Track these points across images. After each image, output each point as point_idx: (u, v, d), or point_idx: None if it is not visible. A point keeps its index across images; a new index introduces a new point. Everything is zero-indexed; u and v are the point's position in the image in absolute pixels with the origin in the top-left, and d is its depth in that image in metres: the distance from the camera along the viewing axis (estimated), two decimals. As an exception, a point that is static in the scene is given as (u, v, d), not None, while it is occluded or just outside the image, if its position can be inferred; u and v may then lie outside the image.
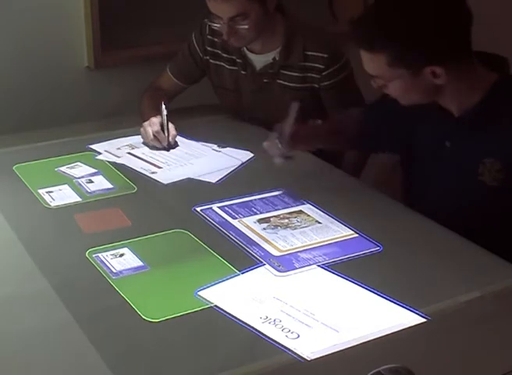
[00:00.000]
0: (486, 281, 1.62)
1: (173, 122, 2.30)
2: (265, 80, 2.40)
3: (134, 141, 2.32)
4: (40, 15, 2.76)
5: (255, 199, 1.97)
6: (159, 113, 2.35)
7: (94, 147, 2.27)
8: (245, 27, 2.25)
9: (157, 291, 1.59)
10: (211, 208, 1.93)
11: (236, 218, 1.87)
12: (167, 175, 2.12)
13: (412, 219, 1.90)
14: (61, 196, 1.98)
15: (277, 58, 2.37)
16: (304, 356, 1.38)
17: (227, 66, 2.46)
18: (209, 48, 2.46)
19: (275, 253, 1.72)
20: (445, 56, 1.69)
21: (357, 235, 1.80)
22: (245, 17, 2.24)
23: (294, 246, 1.75)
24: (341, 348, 1.40)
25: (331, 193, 2.03)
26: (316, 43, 2.34)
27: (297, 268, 1.66)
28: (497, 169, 1.77)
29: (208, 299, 1.54)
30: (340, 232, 1.81)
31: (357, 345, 1.41)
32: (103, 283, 1.60)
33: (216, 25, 2.30)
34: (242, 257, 1.70)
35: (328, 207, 1.92)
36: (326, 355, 1.39)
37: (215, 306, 1.52)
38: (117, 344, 1.43)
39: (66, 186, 2.04)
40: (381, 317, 1.50)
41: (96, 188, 2.03)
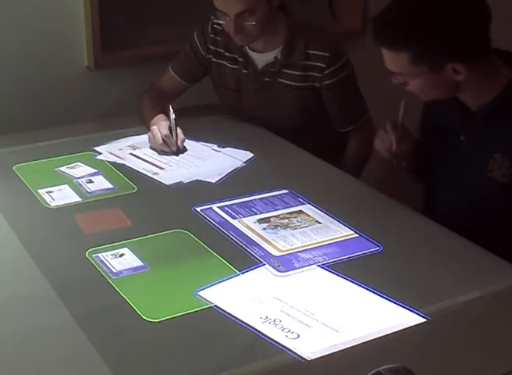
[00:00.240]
0: (486, 281, 1.62)
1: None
2: (267, 79, 2.40)
3: (136, 142, 2.31)
4: (40, 15, 2.76)
5: (255, 199, 1.97)
6: (159, 113, 2.34)
7: (97, 148, 2.26)
8: (252, 24, 2.24)
9: (157, 291, 1.59)
10: (211, 208, 1.93)
11: (236, 218, 1.87)
12: (169, 176, 2.11)
13: (412, 219, 1.91)
14: (61, 196, 1.98)
15: (279, 56, 2.37)
16: (304, 356, 1.38)
17: (229, 65, 2.46)
18: (211, 47, 2.46)
19: (275, 253, 1.72)
20: (465, 53, 1.72)
21: (357, 235, 1.80)
22: (252, 13, 2.23)
23: (294, 246, 1.75)
24: (341, 348, 1.40)
25: (331, 193, 2.03)
26: (318, 42, 2.34)
27: (297, 268, 1.66)
28: (507, 165, 1.79)
29: (208, 299, 1.54)
30: (340, 232, 1.81)
31: (357, 345, 1.41)
32: (103, 283, 1.60)
33: (221, 22, 2.29)
34: (242, 257, 1.70)
35: (328, 207, 1.92)
36: (326, 355, 1.39)
37: (215, 306, 1.52)
38: (117, 344, 1.43)
39: (66, 186, 2.04)
40: (381, 317, 1.50)
41: (96, 188, 2.03)
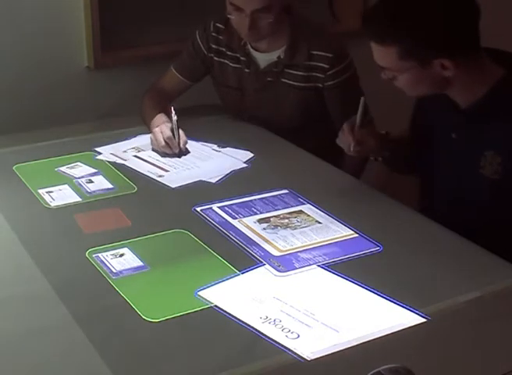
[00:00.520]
0: (486, 281, 1.62)
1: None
2: (269, 79, 2.40)
3: (140, 144, 2.30)
4: (40, 15, 2.76)
5: (255, 199, 1.97)
6: (160, 112, 2.34)
7: (100, 149, 2.25)
8: (268, 21, 2.24)
9: (157, 291, 1.59)
10: (211, 208, 1.93)
11: (236, 218, 1.87)
12: (174, 178, 2.10)
13: (412, 219, 1.91)
14: (61, 196, 1.98)
15: (282, 56, 2.37)
16: (304, 356, 1.38)
17: (231, 64, 2.45)
18: (213, 46, 2.46)
19: (275, 253, 1.72)
20: (454, 49, 1.72)
21: (357, 235, 1.80)
22: (268, 11, 2.23)
23: (294, 246, 1.75)
24: (341, 348, 1.40)
25: (331, 193, 2.03)
26: (321, 42, 2.34)
27: (297, 268, 1.66)
28: (498, 162, 1.79)
29: (208, 299, 1.54)
30: (340, 232, 1.81)
31: (357, 345, 1.41)
32: (103, 283, 1.60)
33: (231, 16, 2.27)
34: (242, 257, 1.70)
35: (328, 207, 1.92)
36: (326, 355, 1.39)
37: (215, 306, 1.52)
38: (117, 344, 1.43)
39: (66, 186, 2.04)
40: (381, 317, 1.50)
41: (96, 188, 2.03)
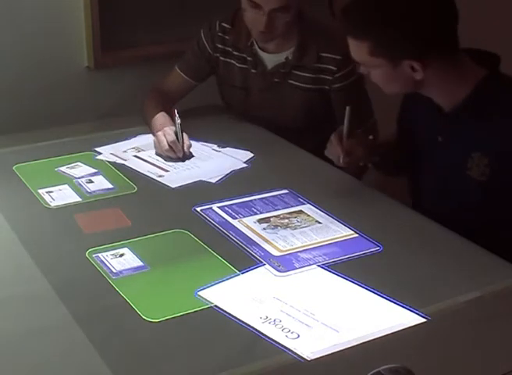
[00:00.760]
0: (486, 281, 1.62)
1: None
2: (276, 80, 2.40)
3: (140, 144, 2.29)
4: (40, 15, 2.76)
5: (255, 199, 1.97)
6: (162, 111, 2.33)
7: (100, 149, 2.25)
8: (285, 21, 2.24)
9: (157, 291, 1.59)
10: (211, 208, 1.93)
11: (236, 218, 1.87)
12: (174, 178, 2.09)
13: (412, 219, 1.91)
14: (61, 196, 1.98)
15: (290, 58, 2.36)
16: (304, 356, 1.38)
17: (237, 64, 2.45)
18: (219, 45, 2.45)
19: (275, 253, 1.72)
20: (423, 52, 1.72)
21: (357, 235, 1.80)
22: (286, 11, 2.23)
23: (294, 246, 1.75)
24: (341, 348, 1.40)
25: (331, 193, 2.03)
26: (331, 44, 2.33)
27: (297, 268, 1.66)
28: (485, 163, 1.79)
29: (208, 299, 1.54)
30: (340, 232, 1.81)
31: (357, 345, 1.41)
32: (103, 283, 1.60)
33: (247, 14, 2.26)
34: (242, 257, 1.70)
35: (328, 207, 1.92)
36: (326, 355, 1.39)
37: (215, 306, 1.52)
38: (117, 344, 1.43)
39: (66, 186, 2.04)
40: (381, 317, 1.50)
41: (96, 188, 2.03)
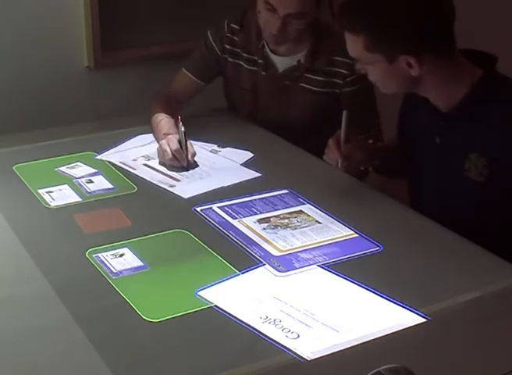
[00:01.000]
0: (486, 281, 1.62)
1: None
2: (287, 83, 2.39)
3: (150, 152, 2.23)
4: (40, 15, 2.77)
5: (255, 199, 1.97)
6: (166, 116, 2.30)
7: (107, 157, 2.20)
8: (299, 27, 2.24)
9: (157, 291, 1.59)
10: (211, 208, 1.93)
11: (236, 218, 1.87)
12: (187, 188, 2.03)
13: (412, 219, 1.91)
14: (61, 196, 1.98)
15: (302, 61, 2.36)
16: (304, 356, 1.38)
17: (246, 66, 2.44)
18: (228, 47, 2.44)
19: (275, 253, 1.72)
20: (419, 47, 1.72)
21: (357, 235, 1.80)
22: (301, 17, 2.22)
23: (294, 246, 1.75)
24: (341, 348, 1.40)
25: (331, 193, 2.03)
26: (343, 48, 2.31)
27: (297, 268, 1.66)
28: (483, 164, 1.79)
29: (208, 299, 1.54)
30: (340, 232, 1.81)
31: (357, 345, 1.41)
32: (103, 283, 1.60)
33: (265, 15, 2.24)
34: (242, 257, 1.70)
35: (328, 207, 1.92)
36: (326, 355, 1.39)
37: (215, 306, 1.52)
38: (117, 344, 1.43)
39: (66, 186, 2.04)
40: (381, 317, 1.50)
41: (96, 188, 2.03)
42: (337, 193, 2.04)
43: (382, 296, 1.55)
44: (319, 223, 1.85)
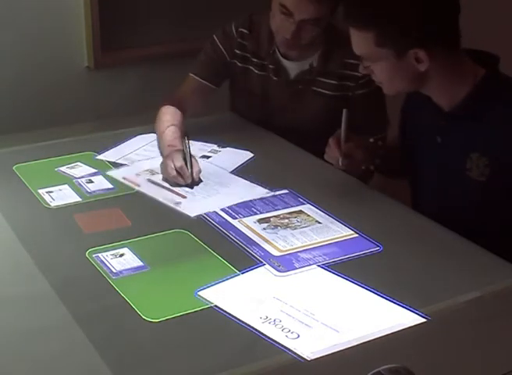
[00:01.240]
0: (486, 281, 1.62)
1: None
2: (300, 87, 2.38)
3: (154, 166, 2.13)
4: (40, 15, 2.77)
5: (255, 199, 1.97)
6: (172, 125, 2.25)
7: (111, 173, 2.11)
8: (313, 34, 2.23)
9: (157, 291, 1.59)
10: (211, 208, 1.93)
11: (236, 218, 1.87)
12: (193, 206, 1.93)
13: (412, 219, 1.91)
14: (61, 196, 1.98)
15: (314, 64, 2.35)
16: (304, 356, 1.38)
17: (256, 71, 2.42)
18: (238, 51, 2.41)
19: (275, 253, 1.72)
20: (429, 40, 1.71)
21: (357, 235, 1.80)
22: (316, 23, 2.21)
23: (294, 246, 1.75)
24: (341, 348, 1.40)
25: (331, 193, 2.03)
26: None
27: (297, 268, 1.66)
28: (485, 164, 1.79)
29: (208, 299, 1.54)
30: (340, 232, 1.81)
31: (357, 345, 1.41)
32: (103, 283, 1.60)
33: (275, 18, 2.23)
34: (242, 257, 1.70)
35: (328, 207, 1.92)
36: (326, 355, 1.39)
37: (215, 306, 1.52)
38: (117, 344, 1.43)
39: (66, 186, 2.04)
40: (381, 317, 1.50)
41: (96, 188, 2.03)
42: (337, 193, 2.04)
43: (382, 296, 1.55)
44: (319, 223, 1.85)
